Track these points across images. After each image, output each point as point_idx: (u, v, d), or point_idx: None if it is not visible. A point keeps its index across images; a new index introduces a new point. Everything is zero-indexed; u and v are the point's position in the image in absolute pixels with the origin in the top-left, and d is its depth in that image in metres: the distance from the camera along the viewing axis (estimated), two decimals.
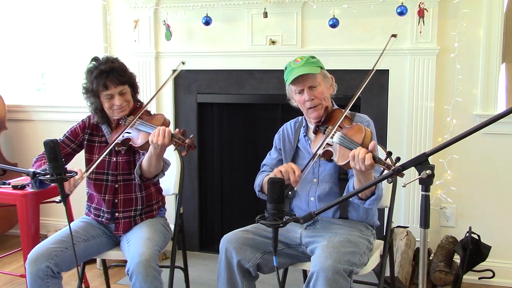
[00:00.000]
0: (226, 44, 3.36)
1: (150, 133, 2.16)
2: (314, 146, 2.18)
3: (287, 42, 3.24)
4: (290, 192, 2.05)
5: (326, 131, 2.14)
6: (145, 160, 2.23)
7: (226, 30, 3.35)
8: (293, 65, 2.19)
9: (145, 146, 2.20)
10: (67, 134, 2.43)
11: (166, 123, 2.25)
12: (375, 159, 1.84)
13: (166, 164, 2.32)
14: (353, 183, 2.06)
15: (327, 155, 2.09)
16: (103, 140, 2.41)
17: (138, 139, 2.23)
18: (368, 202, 2.06)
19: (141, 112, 2.29)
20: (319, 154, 2.08)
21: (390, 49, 3.07)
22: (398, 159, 1.58)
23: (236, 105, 3.61)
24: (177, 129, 2.12)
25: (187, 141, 2.07)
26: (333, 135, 2.07)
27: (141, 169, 2.27)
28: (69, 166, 2.10)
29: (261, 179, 2.31)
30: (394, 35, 2.13)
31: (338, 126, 2.11)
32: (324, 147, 2.08)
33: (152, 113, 2.42)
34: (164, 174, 2.35)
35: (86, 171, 2.21)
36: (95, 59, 2.33)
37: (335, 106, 2.30)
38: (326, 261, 1.89)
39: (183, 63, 2.45)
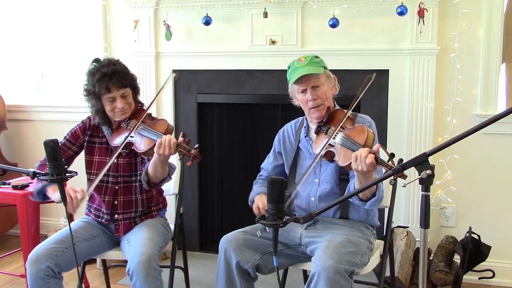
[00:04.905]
0: (226, 44, 3.36)
1: (153, 139, 2.15)
2: (316, 147, 2.17)
3: (287, 42, 3.23)
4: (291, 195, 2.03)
5: (328, 132, 2.14)
6: (150, 167, 2.22)
7: (226, 30, 3.35)
8: (296, 65, 2.18)
9: (148, 152, 2.19)
10: (67, 137, 2.40)
11: (169, 130, 2.24)
12: (377, 161, 1.84)
13: (171, 168, 2.32)
14: (354, 184, 2.06)
15: (329, 156, 2.08)
16: (103, 141, 2.39)
17: (141, 145, 2.21)
18: (369, 204, 2.06)
19: (144, 116, 2.27)
20: (322, 155, 2.08)
21: (390, 49, 3.10)
22: (400, 160, 1.55)
23: (236, 105, 3.61)
24: (181, 138, 2.10)
25: (192, 151, 2.06)
26: (335, 136, 2.07)
27: (147, 176, 2.26)
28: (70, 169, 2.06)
29: (253, 195, 2.34)
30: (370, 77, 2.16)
31: (340, 127, 2.10)
32: (326, 148, 2.08)
33: (154, 115, 2.41)
34: (171, 178, 2.34)
35: (88, 189, 2.19)
36: (97, 60, 2.30)
37: (337, 107, 2.30)
38: (327, 261, 1.89)
39: (174, 72, 2.42)
